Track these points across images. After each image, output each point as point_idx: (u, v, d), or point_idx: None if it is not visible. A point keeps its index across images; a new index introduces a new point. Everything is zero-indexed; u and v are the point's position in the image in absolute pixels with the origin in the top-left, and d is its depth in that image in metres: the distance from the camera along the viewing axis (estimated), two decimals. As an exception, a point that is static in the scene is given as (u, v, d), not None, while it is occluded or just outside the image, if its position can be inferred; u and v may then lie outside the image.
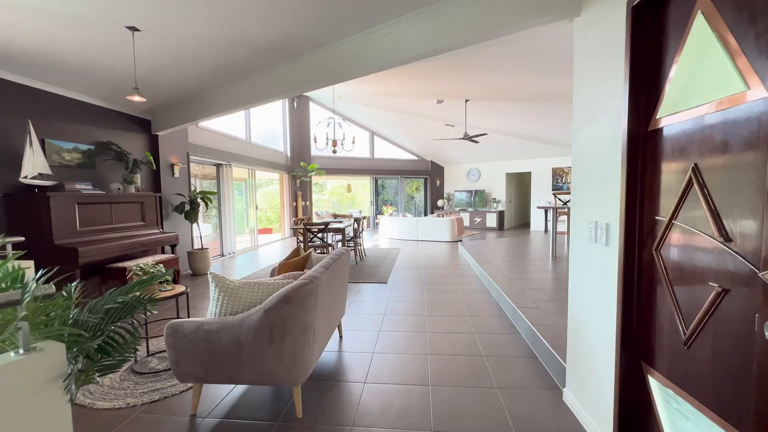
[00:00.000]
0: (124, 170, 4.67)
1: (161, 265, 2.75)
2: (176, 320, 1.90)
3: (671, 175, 1.33)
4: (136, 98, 2.89)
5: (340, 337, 3.15)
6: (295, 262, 2.67)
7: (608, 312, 1.64)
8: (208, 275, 1.93)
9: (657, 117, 1.40)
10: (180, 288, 2.75)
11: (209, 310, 1.97)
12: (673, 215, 1.30)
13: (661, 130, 1.39)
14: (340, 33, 3.08)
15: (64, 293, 1.65)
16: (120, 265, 4.07)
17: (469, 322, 3.45)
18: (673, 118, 1.31)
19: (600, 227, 1.70)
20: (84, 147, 4.32)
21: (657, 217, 1.41)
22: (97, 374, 1.36)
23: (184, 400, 2.20)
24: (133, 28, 2.73)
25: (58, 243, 3.54)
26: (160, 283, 2.81)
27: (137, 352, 2.67)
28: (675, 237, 1.31)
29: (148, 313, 2.89)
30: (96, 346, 1.22)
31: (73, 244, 3.59)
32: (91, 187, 4.15)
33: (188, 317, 2.84)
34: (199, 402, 2.14)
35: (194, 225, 6.01)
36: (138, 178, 4.78)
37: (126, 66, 3.57)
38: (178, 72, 3.96)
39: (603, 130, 1.68)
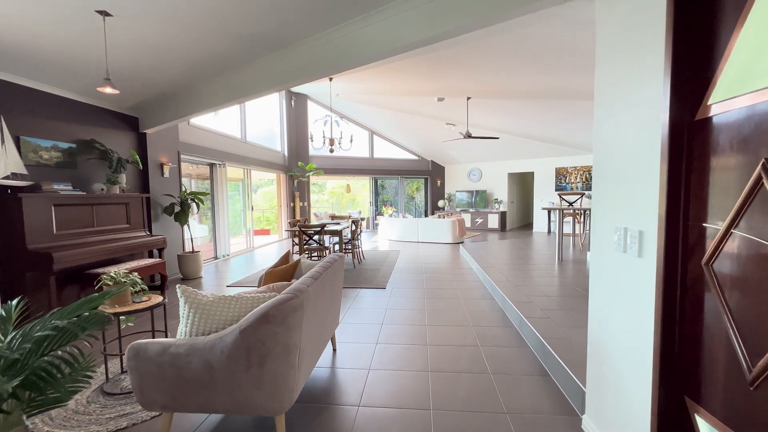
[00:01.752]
0: (108, 170, 4.43)
1: (135, 274, 2.50)
2: (139, 341, 1.65)
3: (728, 173, 1.08)
4: (108, 90, 2.65)
5: (334, 350, 2.91)
6: (282, 271, 2.42)
7: (642, 335, 1.40)
8: (177, 289, 1.69)
9: (708, 103, 1.15)
10: (156, 298, 2.50)
11: (179, 329, 1.72)
12: (733, 222, 1.06)
13: (711, 118, 1.14)
14: (333, 19, 2.83)
15: (2, 313, 1.40)
16: (101, 270, 3.82)
17: (473, 333, 3.20)
18: (731, 103, 1.07)
19: (631, 235, 1.45)
20: (64, 145, 4.08)
21: (706, 225, 1.17)
22: (25, 416, 1.12)
23: (155, 427, 1.96)
24: (104, 13, 2.48)
25: (31, 248, 3.29)
26: (136, 293, 2.56)
27: (90, 380, 2.42)
28: (735, 249, 1.06)
29: (123, 326, 2.65)
30: (11, 390, 0.97)
31: (48, 249, 3.34)
32: (70, 188, 3.90)
33: (166, 331, 2.60)
34: (171, 430, 1.90)
35: (185, 227, 5.76)
36: (123, 178, 4.54)
37: (103, 57, 3.33)
38: (160, 64, 3.71)
39: (635, 122, 1.43)
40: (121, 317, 2.41)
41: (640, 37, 1.40)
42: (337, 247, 7.27)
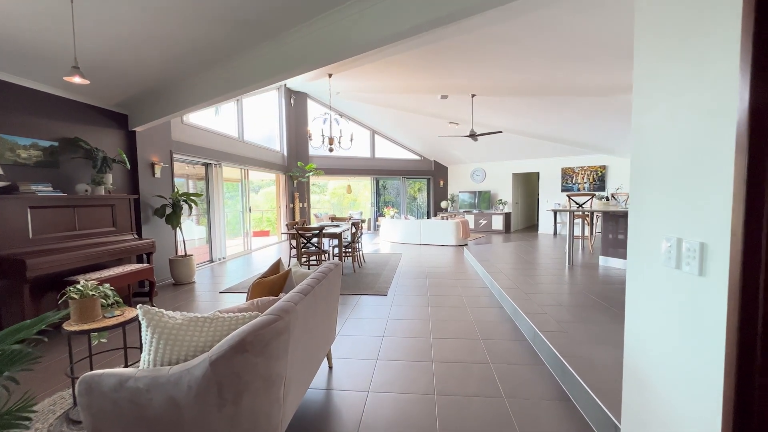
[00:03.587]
0: (92, 169, 4.17)
1: (107, 285, 2.25)
2: (92, 373, 1.39)
3: (844, 170, 0.81)
4: (77, 79, 2.39)
5: (330, 367, 2.64)
6: (270, 282, 2.16)
7: (703, 371, 1.12)
8: (138, 310, 1.43)
9: (809, 78, 0.88)
10: (130, 313, 2.24)
11: (142, 357, 1.46)
12: None
13: (810, 99, 0.87)
14: (328, 1, 2.56)
15: None
16: (82, 277, 3.57)
17: (482, 348, 2.93)
18: None
19: (688, 248, 1.18)
20: (45, 143, 3.83)
21: (802, 238, 0.89)
22: None
23: (120, 465, 1.69)
24: (72, -6, 2.24)
25: (2, 254, 3.04)
26: (110, 305, 2.31)
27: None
28: None
29: (95, 342, 2.39)
30: None
31: (21, 255, 3.09)
32: (50, 189, 3.65)
33: (141, 348, 2.33)
34: (137, 471, 1.63)
35: (178, 229, 5.49)
36: (109, 179, 4.28)
37: (81, 47, 3.09)
38: (144, 55, 3.47)
39: (695, 107, 1.16)
40: (91, 333, 2.16)
41: (700, 4, 1.13)
42: (336, 250, 7.02)
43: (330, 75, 6.88)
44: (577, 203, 6.82)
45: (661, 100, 1.31)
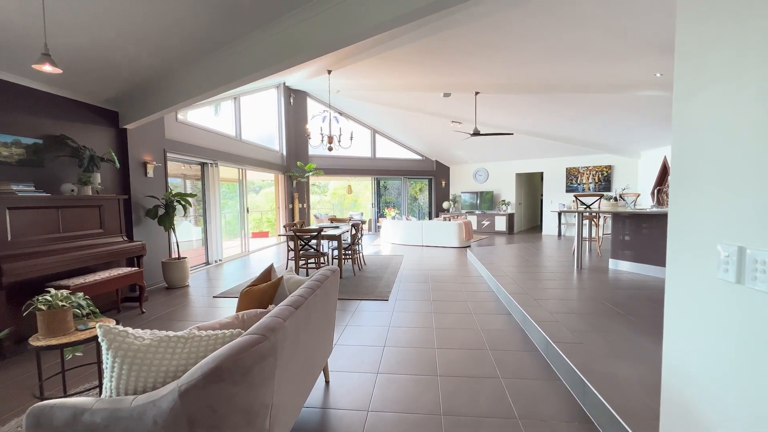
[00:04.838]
0: (78, 168, 3.97)
1: (81, 294, 2.05)
2: (43, 403, 1.19)
3: None
4: (48, 68, 2.18)
5: (326, 382, 2.43)
6: (260, 292, 1.95)
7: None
8: (98, 329, 1.22)
9: None
10: (109, 323, 2.04)
11: (104, 385, 1.25)
12: None
13: None
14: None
15: None
16: (65, 282, 3.37)
17: (491, 359, 2.72)
18: None
19: (755, 259, 0.97)
20: (29, 141, 3.63)
21: None
22: None
23: (86, 502, 1.49)
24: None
25: (-23, 258, 2.85)
26: (86, 315, 2.11)
27: None
28: None
29: (69, 356, 2.19)
30: None
31: (-3, 260, 2.90)
32: (32, 189, 3.46)
33: (119, 364, 2.12)
34: None
35: (172, 231, 5.28)
36: (97, 178, 4.09)
37: (67, 38, 2.89)
38: (133, 47, 3.28)
39: (765, 86, 0.95)
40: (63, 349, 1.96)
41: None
42: (335, 252, 6.82)
43: (329, 71, 6.69)
44: (584, 204, 6.62)
45: (716, 79, 1.10)
